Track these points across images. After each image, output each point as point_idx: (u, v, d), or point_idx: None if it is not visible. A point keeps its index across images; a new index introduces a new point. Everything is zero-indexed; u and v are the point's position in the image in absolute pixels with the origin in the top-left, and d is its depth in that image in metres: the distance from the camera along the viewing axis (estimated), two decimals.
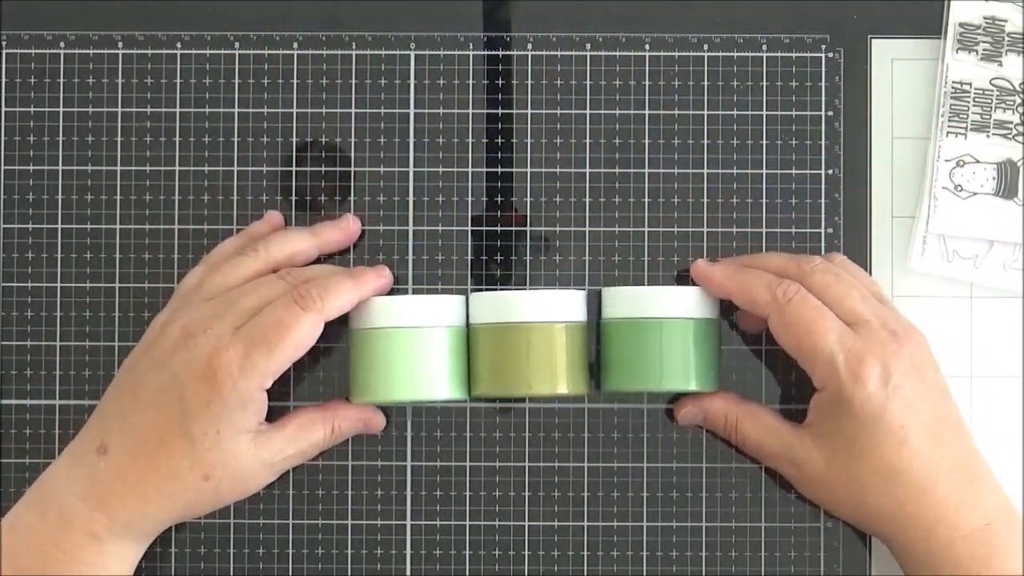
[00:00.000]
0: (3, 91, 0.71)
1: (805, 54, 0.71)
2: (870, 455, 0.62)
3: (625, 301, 0.65)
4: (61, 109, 0.71)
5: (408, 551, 0.69)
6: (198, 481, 0.63)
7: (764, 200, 0.70)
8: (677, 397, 0.68)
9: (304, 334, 0.63)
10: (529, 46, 0.71)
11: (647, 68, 0.71)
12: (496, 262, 0.70)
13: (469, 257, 0.70)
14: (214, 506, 0.65)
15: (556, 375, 0.65)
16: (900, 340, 0.63)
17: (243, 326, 0.63)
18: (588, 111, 0.71)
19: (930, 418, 0.62)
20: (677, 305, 0.65)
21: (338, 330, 0.69)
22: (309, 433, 0.66)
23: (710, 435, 0.69)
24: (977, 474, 0.63)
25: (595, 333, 0.68)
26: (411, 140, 0.71)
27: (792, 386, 0.69)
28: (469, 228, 0.70)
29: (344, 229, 0.69)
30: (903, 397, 0.62)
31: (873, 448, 0.62)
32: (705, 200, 0.70)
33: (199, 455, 0.62)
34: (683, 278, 0.70)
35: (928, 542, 0.62)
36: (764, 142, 0.70)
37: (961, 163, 0.70)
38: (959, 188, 0.70)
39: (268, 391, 0.63)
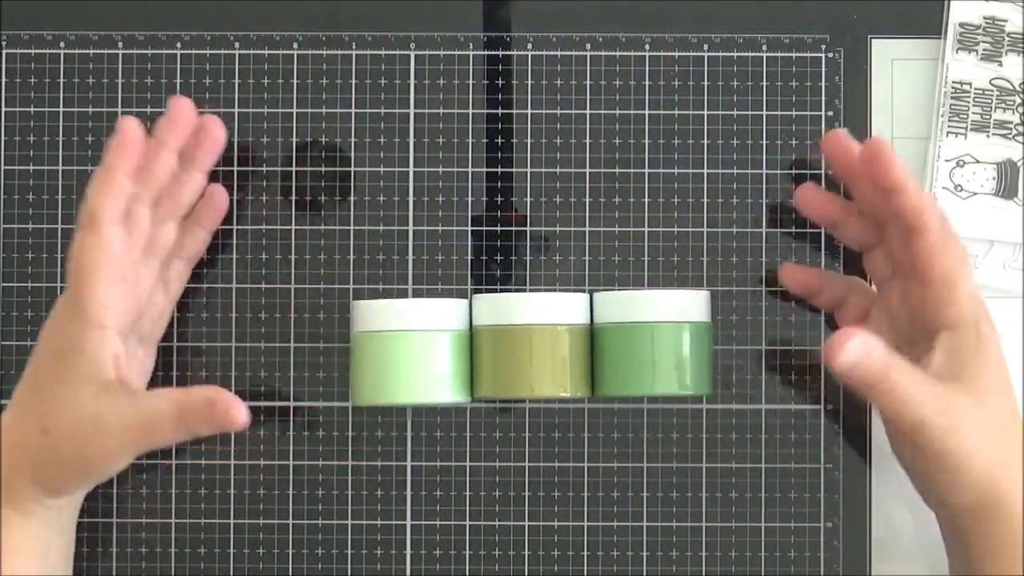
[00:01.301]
0: (3, 91, 0.71)
1: (805, 54, 0.71)
2: (1007, 400, 0.61)
3: (616, 305, 0.65)
4: (61, 109, 0.71)
5: (408, 551, 0.69)
6: (38, 434, 0.61)
7: (764, 200, 0.70)
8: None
9: (90, 253, 0.61)
10: (529, 46, 0.71)
11: (647, 68, 0.71)
12: (496, 262, 0.70)
13: (469, 257, 0.70)
14: (60, 472, 0.61)
15: (559, 377, 0.65)
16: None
17: None
18: (588, 111, 0.71)
19: None
20: (668, 309, 0.65)
21: (341, 333, 0.69)
22: (156, 402, 0.60)
23: (710, 435, 0.69)
24: None
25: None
26: (411, 140, 0.71)
27: (792, 386, 0.69)
28: (469, 228, 0.70)
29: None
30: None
31: (1007, 392, 0.61)
32: (705, 200, 0.70)
33: (40, 405, 0.61)
34: (682, 279, 0.70)
35: None
36: (764, 142, 0.70)
37: (961, 163, 0.70)
38: (959, 188, 0.70)
39: (268, 393, 0.63)
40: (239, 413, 0.59)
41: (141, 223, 0.64)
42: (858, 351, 0.57)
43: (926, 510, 0.64)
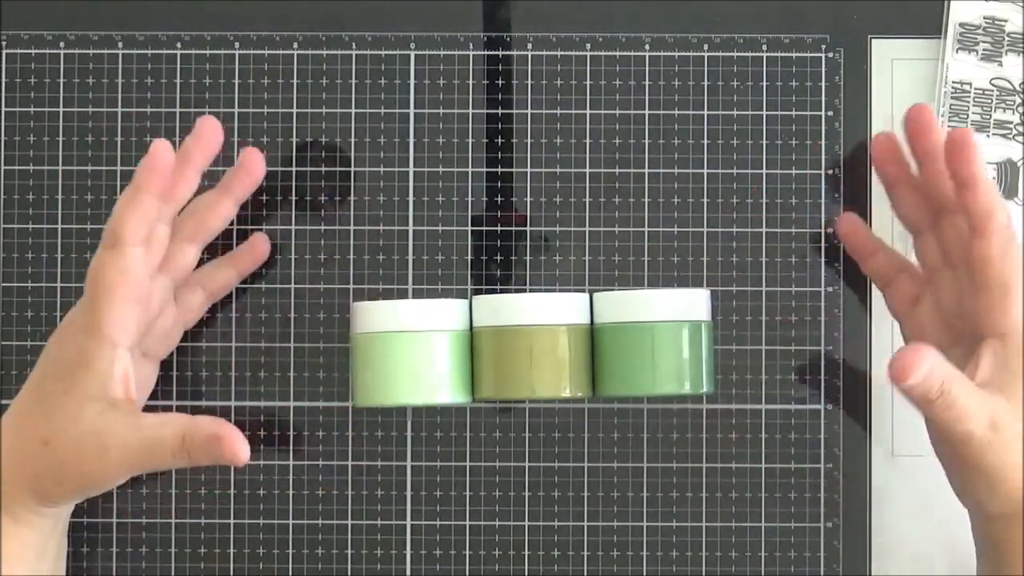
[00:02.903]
0: (3, 91, 0.71)
1: (805, 54, 0.71)
2: None
3: (616, 305, 0.65)
4: (61, 109, 0.71)
5: (408, 551, 0.69)
6: (39, 445, 0.60)
7: (764, 200, 0.70)
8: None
9: (111, 272, 0.60)
10: (529, 46, 0.71)
11: (647, 68, 0.71)
12: (496, 262, 0.70)
13: (469, 257, 0.70)
14: (58, 484, 0.61)
15: (559, 378, 0.65)
16: None
17: None
18: (588, 111, 0.71)
19: None
20: (668, 308, 0.64)
21: (341, 334, 0.70)
22: (159, 430, 0.60)
23: (710, 435, 0.69)
24: None
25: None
26: (411, 140, 0.71)
27: (792, 386, 0.69)
28: (469, 228, 0.70)
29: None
30: None
31: None
32: (705, 200, 0.70)
33: (43, 417, 0.60)
34: (682, 279, 0.70)
35: None
36: (764, 142, 0.70)
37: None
38: None
39: (268, 393, 0.63)
40: (243, 451, 0.59)
41: (159, 241, 0.63)
42: (926, 373, 0.57)
43: (926, 510, 0.64)
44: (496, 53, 0.71)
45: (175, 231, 0.65)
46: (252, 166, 0.67)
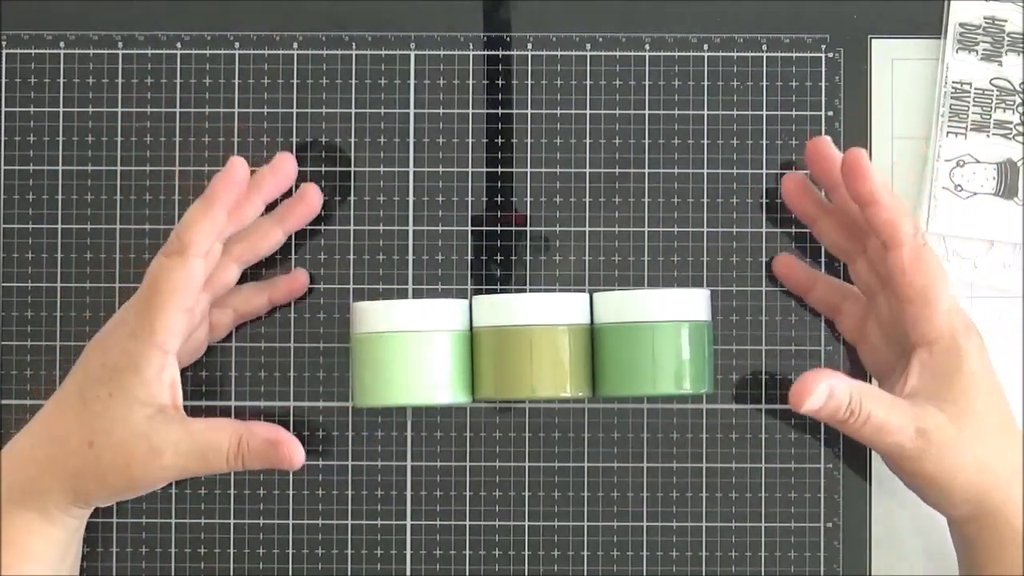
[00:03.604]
0: (3, 91, 0.71)
1: (805, 54, 0.71)
2: (991, 412, 0.61)
3: (616, 305, 0.65)
4: (61, 109, 0.71)
5: (408, 551, 0.69)
6: (82, 446, 0.61)
7: (764, 200, 0.70)
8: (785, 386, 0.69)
9: (174, 282, 0.61)
10: (529, 46, 0.71)
11: (647, 68, 0.71)
12: (496, 262, 0.70)
13: (469, 257, 0.70)
14: (101, 485, 0.61)
15: (559, 378, 0.65)
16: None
17: None
18: (588, 111, 0.71)
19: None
20: (668, 308, 0.64)
21: (341, 334, 0.70)
22: (214, 435, 0.61)
23: (710, 435, 0.69)
24: None
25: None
26: (411, 140, 0.71)
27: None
28: (469, 228, 0.70)
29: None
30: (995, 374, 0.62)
31: (992, 405, 0.61)
32: (705, 200, 0.70)
33: (88, 418, 0.61)
34: (682, 279, 0.70)
35: None
36: (764, 142, 0.70)
37: (961, 163, 0.70)
38: (959, 188, 0.70)
39: (268, 393, 0.63)
40: (300, 455, 0.62)
41: (213, 256, 0.64)
42: (821, 395, 0.59)
43: (926, 510, 0.64)
44: (496, 53, 0.71)
45: (224, 250, 0.66)
46: (311, 199, 0.68)
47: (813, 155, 0.66)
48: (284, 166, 0.67)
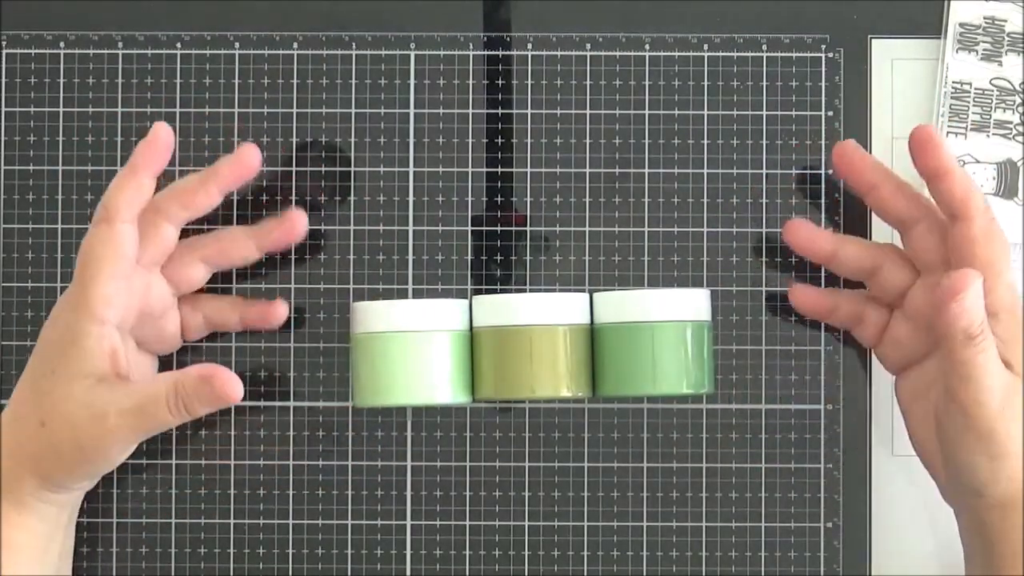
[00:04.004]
0: (3, 91, 0.71)
1: (805, 54, 0.71)
2: None
3: (616, 305, 0.65)
4: (61, 109, 0.71)
5: (408, 551, 0.69)
6: (36, 427, 0.61)
7: (764, 200, 0.70)
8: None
9: (98, 248, 0.61)
10: (529, 46, 0.71)
11: (647, 68, 0.71)
12: (496, 262, 0.70)
13: (469, 257, 0.70)
14: (59, 463, 0.61)
15: (559, 378, 0.65)
16: None
17: None
18: (588, 111, 0.71)
19: None
20: (668, 308, 0.64)
21: (341, 334, 0.70)
22: (151, 388, 0.61)
23: (710, 435, 0.69)
24: None
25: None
26: (411, 140, 0.71)
27: (792, 386, 0.69)
28: (469, 228, 0.70)
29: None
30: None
31: None
32: (705, 200, 0.70)
33: (37, 398, 0.61)
34: (682, 279, 0.70)
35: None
36: (764, 142, 0.70)
37: (961, 163, 0.70)
38: None
39: (268, 393, 0.63)
40: (236, 388, 0.60)
41: (163, 238, 0.64)
42: (974, 296, 0.58)
43: (926, 510, 0.64)
44: (496, 53, 0.71)
45: (193, 248, 0.66)
46: (292, 226, 0.66)
47: (841, 160, 0.66)
48: (246, 156, 0.65)
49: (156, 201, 0.64)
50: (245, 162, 0.66)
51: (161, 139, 0.63)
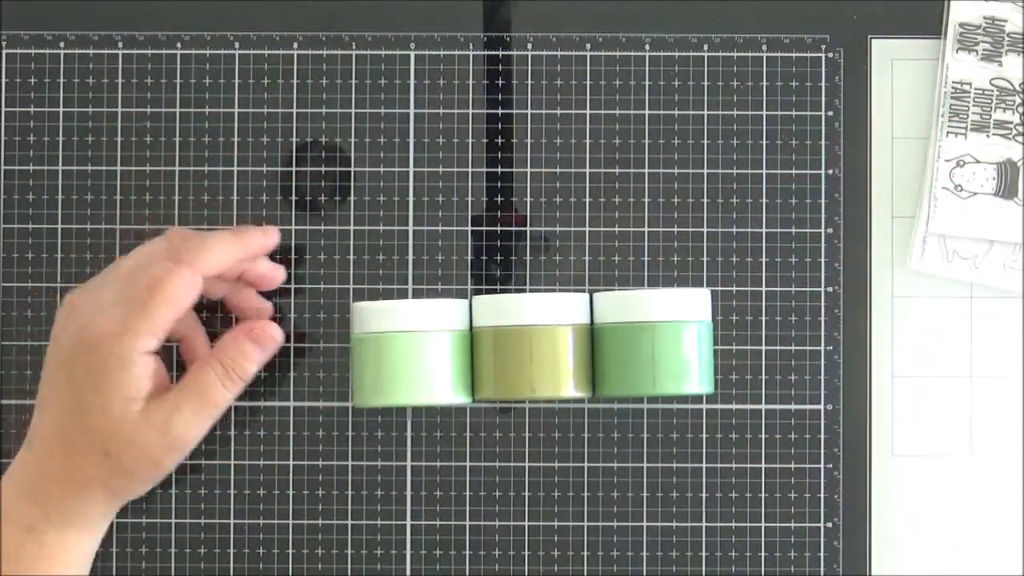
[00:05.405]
0: (3, 91, 0.71)
1: (805, 54, 0.71)
2: None
3: (616, 305, 0.65)
4: (61, 109, 0.71)
5: (408, 551, 0.69)
6: (99, 457, 0.62)
7: (764, 200, 0.70)
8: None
9: (179, 288, 0.62)
10: (529, 46, 0.71)
11: (647, 68, 0.71)
12: (496, 262, 0.70)
13: (469, 257, 0.70)
14: (137, 482, 0.64)
15: (559, 378, 0.65)
16: None
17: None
18: (588, 111, 0.71)
19: None
20: (669, 308, 0.65)
21: (341, 334, 0.70)
22: (198, 379, 0.63)
23: (710, 435, 0.69)
24: None
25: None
26: (411, 140, 0.71)
27: (792, 386, 0.69)
28: (469, 228, 0.70)
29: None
30: None
31: None
32: (705, 200, 0.70)
33: (92, 429, 0.61)
34: (682, 279, 0.70)
35: None
36: (764, 142, 0.70)
37: (961, 163, 0.70)
38: (959, 188, 0.70)
39: (268, 393, 0.63)
40: (274, 328, 0.65)
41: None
42: None
43: (926, 510, 0.64)
44: (496, 53, 0.71)
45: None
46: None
47: None
48: (272, 275, 0.68)
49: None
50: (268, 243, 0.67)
51: (273, 241, 0.67)
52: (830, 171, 0.70)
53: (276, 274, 0.68)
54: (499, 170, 0.70)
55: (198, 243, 0.63)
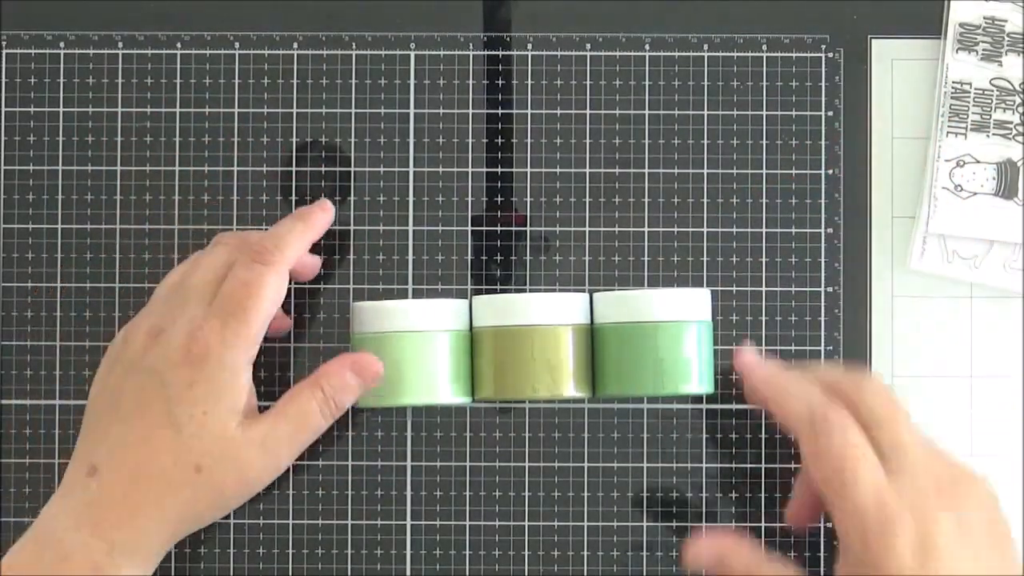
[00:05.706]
0: (3, 91, 0.71)
1: (805, 54, 0.71)
2: None
3: (616, 305, 0.65)
4: (61, 109, 0.71)
5: (408, 551, 0.69)
6: (189, 474, 0.59)
7: (764, 200, 0.70)
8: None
9: (273, 289, 0.61)
10: (529, 46, 0.71)
11: (647, 68, 0.71)
12: (496, 262, 0.70)
13: (469, 257, 0.70)
14: (217, 505, 0.61)
15: (561, 378, 0.65)
16: (948, 494, 0.55)
17: (212, 302, 0.61)
18: (588, 111, 0.71)
19: None
20: (669, 308, 0.65)
21: (341, 334, 0.70)
22: (299, 402, 0.62)
23: (710, 435, 0.69)
24: None
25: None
26: (411, 140, 0.71)
27: None
28: (469, 228, 0.70)
29: (325, 209, 0.68)
30: (945, 566, 0.53)
31: None
32: (705, 200, 0.70)
33: (185, 444, 0.59)
34: (682, 279, 0.70)
35: None
36: (764, 142, 0.70)
37: (961, 163, 0.70)
38: (959, 188, 0.70)
39: (268, 393, 0.63)
40: (376, 361, 0.63)
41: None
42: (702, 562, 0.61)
43: None
44: (496, 53, 0.71)
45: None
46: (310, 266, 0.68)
47: (739, 368, 0.65)
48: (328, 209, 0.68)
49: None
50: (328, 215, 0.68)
51: (331, 215, 0.67)
52: (830, 171, 0.70)
53: (316, 263, 0.68)
54: (499, 170, 0.70)
55: (276, 239, 0.63)
